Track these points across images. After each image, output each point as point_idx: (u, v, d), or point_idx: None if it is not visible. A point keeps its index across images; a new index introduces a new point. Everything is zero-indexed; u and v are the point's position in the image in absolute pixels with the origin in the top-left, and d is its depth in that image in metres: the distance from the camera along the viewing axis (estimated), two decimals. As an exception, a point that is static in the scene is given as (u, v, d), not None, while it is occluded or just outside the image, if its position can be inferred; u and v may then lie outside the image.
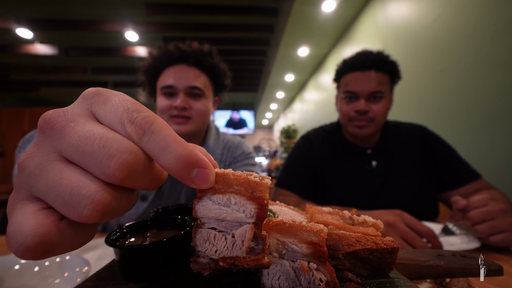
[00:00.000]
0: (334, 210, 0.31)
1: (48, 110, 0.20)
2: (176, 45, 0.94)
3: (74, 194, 0.16)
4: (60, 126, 0.18)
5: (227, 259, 0.20)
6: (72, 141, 0.17)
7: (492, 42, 1.50)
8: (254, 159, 1.12)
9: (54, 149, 0.18)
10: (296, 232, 0.23)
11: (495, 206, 0.64)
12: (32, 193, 0.17)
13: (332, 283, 0.21)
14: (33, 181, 0.17)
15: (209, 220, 0.22)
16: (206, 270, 0.21)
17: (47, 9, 3.50)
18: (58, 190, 0.16)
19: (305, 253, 0.22)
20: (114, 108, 0.19)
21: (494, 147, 1.48)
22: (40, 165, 0.17)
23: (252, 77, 6.45)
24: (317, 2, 3.00)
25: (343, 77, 1.07)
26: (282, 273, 0.23)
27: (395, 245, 0.26)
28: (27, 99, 7.57)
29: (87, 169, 0.17)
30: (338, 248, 0.26)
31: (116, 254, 0.26)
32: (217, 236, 0.22)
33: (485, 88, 1.55)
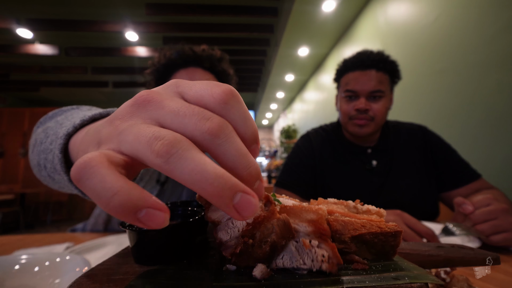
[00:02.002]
0: (339, 201, 0.33)
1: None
2: (191, 48, 0.95)
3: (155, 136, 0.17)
4: (159, 100, 0.20)
5: (249, 225, 0.22)
6: (172, 109, 0.20)
7: (492, 42, 1.50)
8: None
9: (149, 117, 0.20)
10: (297, 212, 0.24)
11: (497, 206, 0.64)
12: (119, 148, 0.19)
13: (335, 258, 0.22)
14: (124, 136, 0.19)
15: (223, 216, 0.24)
16: (238, 247, 0.21)
17: (47, 9, 3.50)
18: (144, 136, 0.18)
19: (306, 232, 0.23)
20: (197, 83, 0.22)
21: (494, 147, 1.48)
22: (133, 124, 0.19)
23: (252, 77, 6.44)
24: (317, 2, 3.00)
25: (344, 76, 1.07)
26: (286, 252, 0.24)
27: (398, 229, 0.27)
28: (27, 99, 7.57)
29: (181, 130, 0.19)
30: (344, 232, 0.27)
31: (131, 238, 0.27)
32: (234, 221, 0.23)
33: (485, 88, 1.55)
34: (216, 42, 4.32)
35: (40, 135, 0.46)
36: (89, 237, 0.85)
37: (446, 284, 0.37)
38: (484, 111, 1.55)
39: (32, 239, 0.85)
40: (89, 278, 0.23)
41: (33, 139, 0.49)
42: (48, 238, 0.86)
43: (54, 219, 5.99)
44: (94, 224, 0.96)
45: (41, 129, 0.49)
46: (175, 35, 4.08)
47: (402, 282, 0.22)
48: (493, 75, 1.49)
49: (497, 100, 1.47)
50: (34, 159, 0.46)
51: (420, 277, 0.23)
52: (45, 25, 3.66)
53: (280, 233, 0.23)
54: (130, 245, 0.28)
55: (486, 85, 1.54)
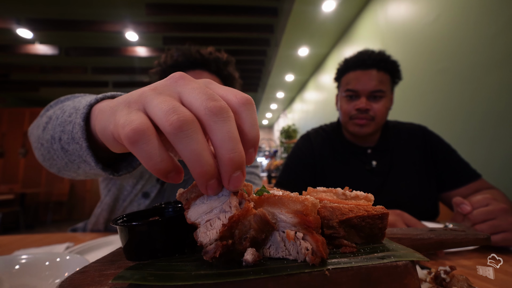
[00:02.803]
0: (328, 189, 0.33)
1: None
2: (198, 51, 0.95)
3: (173, 109, 0.21)
4: (188, 80, 0.25)
5: (225, 226, 0.22)
6: (192, 87, 0.24)
7: (492, 42, 1.50)
8: (257, 161, 1.14)
9: (175, 91, 0.25)
10: (284, 202, 0.24)
11: (496, 205, 0.64)
12: (144, 107, 0.24)
13: (318, 252, 0.22)
14: (150, 98, 0.23)
15: (201, 217, 0.24)
16: (217, 251, 0.22)
17: (47, 9, 3.50)
18: (165, 105, 0.22)
19: (292, 223, 0.23)
20: (226, 87, 0.26)
21: (494, 147, 1.48)
22: (161, 93, 0.24)
23: (252, 77, 6.44)
24: (317, 2, 3.01)
25: (344, 76, 1.07)
26: (273, 242, 0.24)
27: (384, 211, 0.27)
28: (27, 99, 7.57)
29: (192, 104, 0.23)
30: (332, 218, 0.27)
31: (122, 234, 0.27)
32: (212, 222, 0.24)
33: (485, 88, 1.55)
34: (216, 42, 4.32)
35: (56, 112, 0.47)
36: (89, 237, 0.85)
37: (446, 284, 0.37)
38: (484, 111, 1.55)
39: (32, 239, 0.85)
40: (82, 274, 0.23)
41: (46, 117, 0.51)
42: (48, 238, 0.86)
43: (54, 219, 5.99)
44: (95, 223, 0.96)
45: (55, 108, 0.51)
46: (175, 35, 4.08)
47: (388, 261, 0.22)
48: (493, 75, 1.49)
49: (497, 100, 1.47)
50: (48, 134, 0.46)
51: (406, 255, 0.23)
52: (45, 25, 3.66)
53: (258, 228, 0.23)
54: (121, 243, 0.27)
55: (486, 85, 1.54)
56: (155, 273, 0.22)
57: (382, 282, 0.21)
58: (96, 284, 0.21)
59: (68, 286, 0.21)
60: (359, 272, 0.21)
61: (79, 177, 0.52)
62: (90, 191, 6.42)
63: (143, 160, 0.21)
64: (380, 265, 0.22)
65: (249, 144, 0.24)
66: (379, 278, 0.21)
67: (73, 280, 0.22)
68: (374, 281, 0.21)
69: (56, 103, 0.57)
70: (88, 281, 0.22)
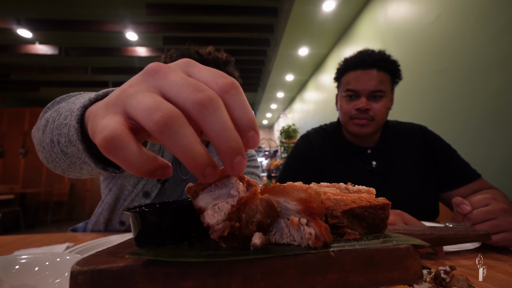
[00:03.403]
0: (331, 184, 0.35)
1: None
2: (197, 51, 0.95)
3: (155, 107, 0.20)
4: (165, 71, 0.23)
5: (234, 207, 0.23)
6: (173, 80, 0.22)
7: (492, 42, 1.50)
8: (257, 161, 1.15)
9: (154, 85, 0.23)
10: (288, 191, 0.25)
11: (496, 205, 0.64)
12: (124, 109, 0.22)
13: (322, 237, 0.23)
14: (129, 99, 0.22)
15: (209, 203, 0.25)
16: (226, 230, 0.22)
17: (47, 9, 3.50)
18: (146, 103, 0.21)
19: (296, 210, 0.24)
20: (206, 69, 0.25)
21: (494, 147, 1.48)
22: (139, 90, 0.22)
23: (252, 77, 6.44)
24: (317, 2, 3.00)
25: (344, 75, 1.07)
26: (278, 229, 0.25)
27: (386, 202, 0.29)
28: (27, 99, 7.57)
29: (176, 99, 0.22)
30: (336, 208, 0.29)
31: (133, 221, 0.28)
32: (220, 205, 0.24)
33: (485, 88, 1.55)
34: (216, 42, 4.32)
35: (52, 115, 0.48)
36: (89, 237, 0.85)
37: (446, 284, 0.38)
38: (484, 111, 1.55)
39: (32, 239, 0.85)
40: (95, 257, 0.24)
41: (44, 119, 0.51)
42: (48, 238, 0.86)
43: (54, 219, 5.99)
44: (95, 223, 0.96)
45: (52, 111, 0.51)
46: (175, 35, 4.08)
47: (390, 244, 0.23)
48: (493, 75, 1.49)
49: (497, 100, 1.47)
50: (47, 137, 0.47)
51: (407, 240, 0.24)
52: (45, 25, 3.66)
53: (264, 213, 0.24)
54: (132, 231, 0.28)
55: (486, 85, 1.54)
56: (168, 252, 0.23)
57: (385, 263, 0.22)
58: (110, 262, 0.22)
59: (83, 264, 0.22)
60: (363, 254, 0.22)
61: (84, 176, 0.52)
62: (90, 191, 6.43)
63: (122, 166, 0.20)
64: (382, 247, 0.23)
65: (246, 129, 0.23)
66: (381, 260, 0.22)
67: (87, 261, 0.23)
68: (377, 262, 0.22)
69: (53, 104, 0.58)
70: (102, 261, 0.22)
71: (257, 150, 9.24)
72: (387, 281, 0.22)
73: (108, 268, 0.21)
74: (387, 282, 0.22)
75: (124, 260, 0.22)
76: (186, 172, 1.03)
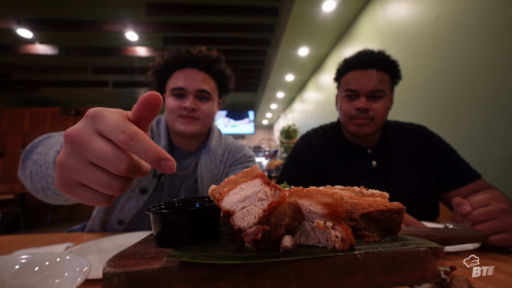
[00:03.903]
0: (346, 187, 0.36)
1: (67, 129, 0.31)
2: (188, 50, 0.98)
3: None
4: (83, 142, 0.29)
5: (265, 211, 0.24)
6: (95, 153, 0.29)
7: (492, 42, 1.50)
8: (255, 162, 1.16)
9: (82, 156, 0.30)
10: (313, 195, 0.26)
11: (496, 206, 0.64)
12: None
13: (348, 240, 0.24)
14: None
15: (236, 205, 0.26)
16: (259, 234, 0.23)
17: (47, 9, 3.50)
18: (104, 152, 0.29)
19: (321, 214, 0.26)
20: (109, 124, 0.29)
21: (493, 147, 1.48)
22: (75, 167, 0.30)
23: (252, 77, 6.44)
24: (317, 2, 3.00)
25: (344, 75, 1.07)
26: (302, 232, 0.27)
27: (401, 206, 0.31)
28: (27, 99, 7.57)
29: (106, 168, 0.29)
30: (354, 211, 0.30)
31: (154, 221, 0.29)
32: (249, 209, 0.25)
33: (485, 88, 1.55)
34: (216, 42, 4.32)
35: (32, 167, 0.57)
36: (89, 237, 0.85)
37: (447, 284, 0.37)
38: (484, 111, 1.55)
39: (32, 239, 0.85)
40: (122, 257, 0.24)
41: (27, 171, 0.60)
42: (48, 238, 0.86)
43: (54, 219, 5.99)
44: (91, 225, 0.97)
45: (30, 162, 0.60)
46: (175, 35, 4.07)
47: (410, 247, 0.25)
48: (493, 75, 1.49)
49: (497, 100, 1.47)
50: (38, 185, 0.56)
51: (424, 243, 0.26)
52: (45, 25, 3.66)
53: (292, 216, 0.25)
54: (153, 230, 0.29)
55: (486, 85, 1.54)
56: (202, 254, 0.23)
57: (406, 266, 0.24)
58: (144, 264, 0.22)
59: (117, 266, 0.22)
60: (387, 256, 0.24)
61: None
62: (90, 191, 6.41)
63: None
64: (404, 251, 0.24)
65: (156, 163, 0.28)
66: (403, 262, 0.24)
67: (118, 262, 0.23)
68: (399, 265, 0.24)
69: (26, 154, 0.65)
70: (134, 263, 0.23)
71: (257, 150, 9.25)
72: (408, 281, 0.24)
73: (144, 270, 0.21)
74: (408, 282, 0.24)
75: (158, 262, 0.23)
76: (181, 168, 1.04)
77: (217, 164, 1.05)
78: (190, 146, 1.06)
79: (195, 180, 1.04)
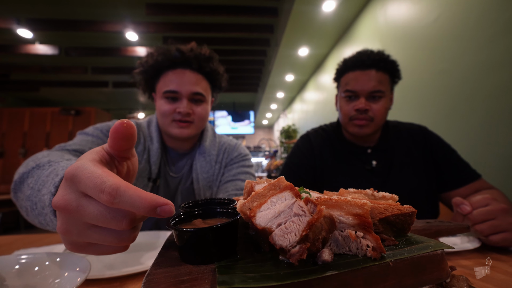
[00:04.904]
0: (358, 190, 0.38)
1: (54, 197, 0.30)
2: (178, 48, 0.94)
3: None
4: (74, 210, 0.28)
5: (306, 230, 0.24)
6: (91, 218, 0.28)
7: (492, 42, 1.50)
8: (251, 161, 1.13)
9: (81, 221, 0.29)
10: (342, 206, 0.28)
11: (496, 205, 0.64)
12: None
13: (379, 248, 0.26)
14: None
15: (272, 221, 0.26)
16: (304, 253, 0.23)
17: (47, 9, 3.50)
18: (97, 211, 0.28)
19: (351, 224, 0.27)
20: (88, 185, 0.27)
21: (493, 147, 1.48)
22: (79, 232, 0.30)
23: (252, 77, 6.44)
24: (317, 2, 3.00)
25: (344, 76, 1.07)
26: (333, 240, 0.28)
27: (413, 210, 0.33)
28: (27, 99, 7.57)
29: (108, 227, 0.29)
30: (372, 216, 0.32)
31: (179, 238, 0.29)
32: (287, 225, 0.26)
33: (484, 89, 1.55)
34: (216, 42, 4.32)
35: (27, 203, 0.55)
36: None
37: (446, 284, 0.37)
38: (484, 111, 1.55)
39: (32, 239, 0.85)
40: (156, 283, 0.24)
41: (22, 205, 0.59)
42: (48, 238, 0.86)
43: (54, 219, 5.98)
44: None
45: (22, 195, 0.58)
46: (175, 35, 4.07)
47: (430, 251, 0.27)
48: (493, 75, 1.49)
49: (497, 100, 1.47)
50: (35, 220, 0.55)
51: (437, 245, 0.28)
52: (45, 25, 3.66)
53: (328, 229, 0.26)
54: (178, 244, 0.29)
55: (486, 85, 1.54)
56: (248, 276, 0.24)
57: (427, 267, 0.26)
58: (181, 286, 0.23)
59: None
60: (412, 261, 0.26)
61: None
62: (90, 191, 6.42)
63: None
64: (425, 254, 0.27)
65: (151, 212, 0.26)
66: (425, 264, 0.26)
67: (151, 284, 0.24)
68: (422, 267, 0.26)
69: (17, 185, 0.63)
70: (167, 284, 0.23)
71: (257, 150, 9.25)
72: (429, 281, 0.26)
73: None
74: (430, 282, 0.27)
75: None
76: (176, 170, 1.04)
77: (212, 165, 1.03)
78: (183, 147, 1.04)
79: (191, 181, 1.02)
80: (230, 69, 5.56)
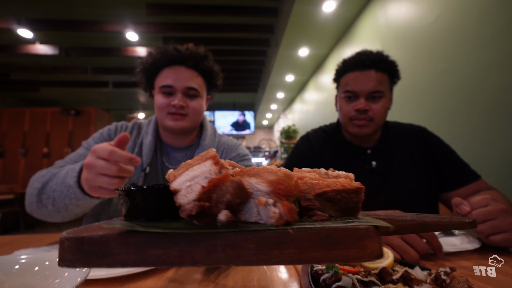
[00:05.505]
0: (313, 169, 0.36)
1: (85, 160, 0.65)
2: (175, 47, 0.99)
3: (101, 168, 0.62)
4: (92, 165, 0.62)
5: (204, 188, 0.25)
6: (98, 168, 0.62)
7: (492, 42, 1.50)
8: (250, 161, 1.15)
9: (95, 171, 0.63)
10: (261, 174, 0.27)
11: (495, 206, 0.64)
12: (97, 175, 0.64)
13: (285, 216, 0.24)
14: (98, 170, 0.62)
15: (184, 184, 0.27)
16: (194, 210, 0.24)
17: (47, 9, 3.50)
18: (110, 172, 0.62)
19: (266, 191, 0.26)
20: (100, 150, 0.61)
21: (493, 147, 1.49)
22: (93, 178, 0.64)
23: (252, 77, 6.44)
24: (317, 2, 3.00)
25: (343, 76, 1.07)
26: (248, 209, 0.27)
27: (360, 186, 0.29)
28: (27, 99, 7.57)
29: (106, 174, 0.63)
30: (310, 191, 0.30)
31: (123, 200, 0.30)
32: (193, 187, 0.26)
33: (484, 89, 1.55)
34: (216, 42, 4.33)
35: (54, 193, 0.75)
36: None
37: (446, 285, 0.38)
38: (483, 112, 1.56)
39: (32, 239, 0.85)
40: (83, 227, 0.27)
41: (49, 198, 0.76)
42: (48, 238, 0.87)
43: (54, 219, 5.99)
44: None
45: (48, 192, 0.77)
46: (175, 35, 4.07)
47: (350, 225, 0.24)
48: (493, 75, 1.49)
49: (497, 100, 1.47)
50: (60, 204, 0.75)
51: (370, 221, 0.25)
52: (45, 25, 3.66)
53: (234, 194, 0.26)
54: (122, 208, 0.31)
55: (486, 85, 1.54)
56: (141, 224, 0.25)
57: (342, 242, 0.23)
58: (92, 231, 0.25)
59: (70, 233, 0.25)
60: (320, 232, 0.23)
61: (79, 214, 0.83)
62: (90, 191, 6.41)
63: None
64: (341, 227, 0.23)
65: (128, 161, 0.60)
66: (339, 238, 0.23)
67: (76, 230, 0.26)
68: (334, 241, 0.23)
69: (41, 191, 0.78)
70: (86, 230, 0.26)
71: (257, 151, 9.25)
72: (341, 258, 0.23)
73: (89, 236, 0.24)
74: (341, 259, 0.23)
75: (103, 230, 0.25)
76: (173, 161, 1.07)
77: None
78: (180, 142, 1.07)
79: None
80: (230, 69, 5.56)
